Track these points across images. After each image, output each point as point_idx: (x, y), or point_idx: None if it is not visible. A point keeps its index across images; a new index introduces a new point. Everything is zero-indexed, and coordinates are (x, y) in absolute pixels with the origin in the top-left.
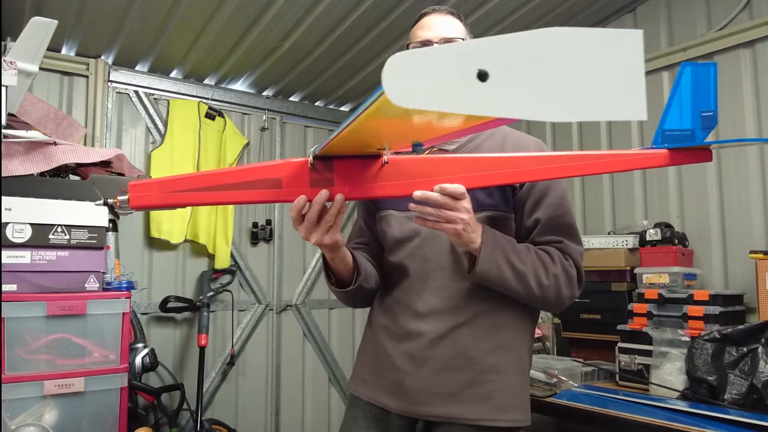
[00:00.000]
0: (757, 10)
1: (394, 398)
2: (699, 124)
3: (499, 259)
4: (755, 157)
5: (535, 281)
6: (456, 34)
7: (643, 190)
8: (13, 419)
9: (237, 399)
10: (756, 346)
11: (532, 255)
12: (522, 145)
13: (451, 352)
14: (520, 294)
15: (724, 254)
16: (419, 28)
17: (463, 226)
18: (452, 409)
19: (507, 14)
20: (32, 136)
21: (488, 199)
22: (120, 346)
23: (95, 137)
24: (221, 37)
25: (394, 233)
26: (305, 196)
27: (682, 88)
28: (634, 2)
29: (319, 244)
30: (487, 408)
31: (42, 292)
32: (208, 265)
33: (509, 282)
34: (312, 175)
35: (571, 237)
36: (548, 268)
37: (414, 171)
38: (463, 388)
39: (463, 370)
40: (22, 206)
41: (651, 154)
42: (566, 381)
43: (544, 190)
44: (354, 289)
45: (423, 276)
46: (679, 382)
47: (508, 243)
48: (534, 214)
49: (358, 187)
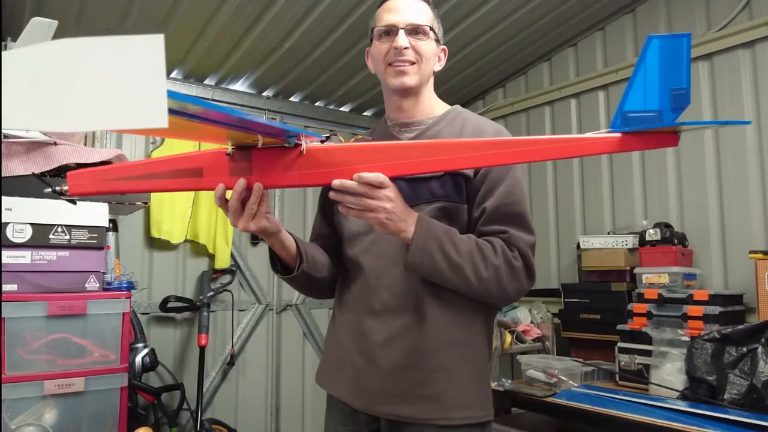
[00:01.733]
0: (757, 11)
1: (355, 396)
2: (668, 104)
3: (433, 249)
4: (755, 157)
5: (473, 273)
6: (424, 21)
7: (643, 190)
8: (13, 419)
9: (237, 399)
10: (756, 346)
11: (471, 245)
12: (479, 131)
13: (403, 352)
14: (458, 286)
15: (723, 254)
16: (385, 11)
17: (386, 215)
18: (405, 409)
19: (507, 14)
20: (32, 136)
21: (441, 190)
22: (120, 346)
23: (95, 137)
24: (221, 37)
25: (350, 227)
26: (224, 185)
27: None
28: (634, 2)
29: (247, 230)
30: (436, 407)
31: (42, 292)
32: (208, 265)
33: (444, 274)
34: (231, 164)
35: (519, 226)
36: (488, 259)
37: (333, 160)
38: (414, 388)
39: (414, 370)
40: (22, 206)
41: (598, 139)
42: (566, 381)
43: (496, 178)
44: (299, 276)
45: (378, 273)
46: (679, 382)
47: (445, 233)
48: (482, 203)
49: (276, 176)
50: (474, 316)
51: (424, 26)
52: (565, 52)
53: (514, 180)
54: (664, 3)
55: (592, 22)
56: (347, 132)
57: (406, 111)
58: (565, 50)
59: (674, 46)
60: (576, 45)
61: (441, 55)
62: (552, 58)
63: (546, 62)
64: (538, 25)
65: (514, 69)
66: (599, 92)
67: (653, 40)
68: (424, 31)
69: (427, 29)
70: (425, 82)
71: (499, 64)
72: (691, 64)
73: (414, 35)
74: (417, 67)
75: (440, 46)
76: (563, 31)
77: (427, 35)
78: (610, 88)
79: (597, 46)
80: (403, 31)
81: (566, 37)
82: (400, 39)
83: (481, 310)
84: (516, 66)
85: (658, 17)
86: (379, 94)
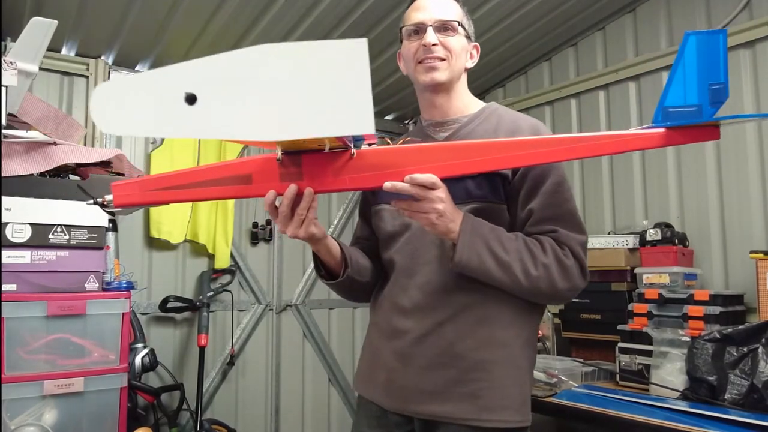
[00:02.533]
0: (757, 11)
1: (387, 396)
2: (707, 99)
3: (480, 248)
4: (755, 156)
5: (522, 271)
6: (452, 17)
7: (643, 190)
8: (13, 419)
9: (237, 399)
10: (756, 346)
11: (519, 244)
12: (516, 128)
13: (436, 350)
14: (507, 285)
15: (724, 254)
16: (413, 10)
17: (436, 215)
18: (439, 408)
19: (507, 14)
20: (32, 136)
21: (477, 190)
22: (120, 346)
23: (95, 137)
24: (221, 37)
25: (386, 228)
26: (274, 191)
27: (686, 60)
28: (634, 2)
29: (295, 237)
30: (473, 407)
31: (42, 292)
32: (208, 265)
33: (492, 272)
34: (281, 170)
35: (569, 225)
36: (537, 257)
37: (384, 162)
38: (448, 387)
39: (448, 368)
40: (22, 206)
41: (643, 134)
42: (566, 381)
43: (538, 177)
44: (344, 282)
45: (409, 271)
46: (680, 382)
47: (491, 231)
48: (528, 204)
49: (326, 180)
50: (515, 316)
51: (452, 22)
52: (565, 52)
53: (558, 178)
54: (664, 3)
55: (592, 22)
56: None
57: (439, 108)
58: (565, 50)
59: (711, 42)
60: (576, 45)
61: (473, 52)
62: (552, 58)
63: (546, 62)
64: (538, 25)
65: (514, 69)
66: (599, 92)
67: (690, 36)
68: (453, 27)
69: (455, 25)
70: (456, 79)
71: (499, 64)
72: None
73: (443, 32)
74: (447, 63)
75: (471, 42)
76: (563, 31)
77: (456, 31)
78: (611, 88)
79: (597, 46)
80: (432, 28)
81: (566, 37)
82: (429, 36)
83: (525, 311)
84: (516, 66)
85: (659, 17)
86: (379, 93)
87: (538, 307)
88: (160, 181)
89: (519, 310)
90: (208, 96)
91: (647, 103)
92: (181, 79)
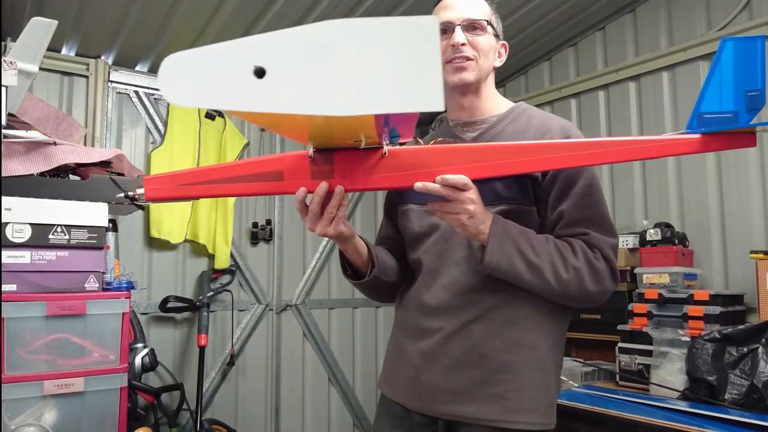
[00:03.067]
0: (757, 10)
1: (410, 396)
2: (743, 105)
3: (510, 250)
4: (755, 157)
5: (552, 274)
6: (480, 15)
7: (643, 190)
8: (13, 419)
9: (237, 399)
10: (756, 346)
11: (550, 246)
12: (546, 129)
13: (463, 349)
14: (537, 287)
15: (724, 254)
16: (441, 9)
17: (467, 216)
18: (464, 409)
19: (508, 14)
20: (32, 136)
21: (506, 192)
22: (120, 346)
23: (95, 137)
24: (221, 37)
25: (413, 228)
26: (305, 188)
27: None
28: (634, 2)
29: (324, 235)
30: (499, 408)
31: (42, 292)
32: (208, 265)
33: (522, 275)
34: (312, 167)
35: (600, 228)
36: (567, 260)
37: (416, 162)
38: (475, 387)
39: (475, 368)
40: (22, 206)
41: (680, 140)
42: (566, 381)
43: (569, 179)
44: (370, 281)
45: (436, 272)
46: (679, 382)
47: (521, 234)
48: (558, 206)
49: (357, 178)
50: (544, 318)
51: (480, 21)
52: (565, 52)
53: (589, 180)
54: (664, 3)
55: (592, 22)
56: None
57: (467, 109)
58: (565, 50)
59: (748, 48)
60: (576, 45)
61: (501, 51)
62: (552, 58)
63: (546, 62)
64: (538, 25)
65: (514, 69)
66: (599, 92)
67: (727, 42)
68: (481, 26)
69: (484, 24)
70: (485, 78)
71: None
72: (691, 64)
73: (471, 31)
74: (475, 63)
75: (500, 41)
76: (563, 31)
77: (485, 30)
78: (611, 88)
79: (597, 46)
80: (460, 27)
81: (566, 37)
82: (457, 35)
83: (553, 313)
84: (516, 66)
85: (659, 17)
86: None
87: (567, 310)
88: (192, 176)
89: (548, 312)
90: (277, 70)
91: (647, 103)
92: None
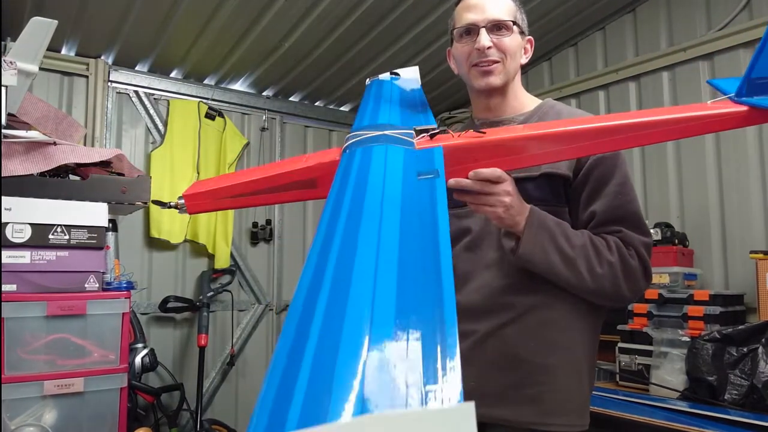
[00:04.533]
0: (757, 10)
1: None
2: None
3: (545, 241)
4: (755, 157)
5: (587, 268)
6: (506, 16)
7: (643, 189)
8: (13, 419)
9: (237, 399)
10: (756, 346)
11: (585, 239)
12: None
13: (495, 352)
14: (571, 282)
15: (724, 254)
16: (464, 9)
17: (503, 209)
18: (499, 412)
19: None
20: (32, 136)
21: (537, 192)
22: (120, 346)
23: (95, 137)
24: (221, 37)
25: None
26: None
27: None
28: (634, 2)
29: None
30: (535, 411)
31: (42, 292)
32: (208, 265)
33: (556, 267)
34: None
35: (633, 226)
36: (602, 255)
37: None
38: (510, 389)
39: (508, 371)
40: (22, 206)
41: (726, 114)
42: None
43: (602, 178)
44: None
45: (469, 275)
46: (679, 382)
47: (557, 226)
48: (590, 206)
49: None
50: (578, 319)
51: (506, 21)
52: (565, 52)
53: (622, 178)
54: (664, 3)
55: (592, 22)
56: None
57: (494, 110)
58: (565, 50)
59: None
60: (576, 45)
61: (527, 47)
62: (552, 58)
63: (546, 62)
64: (538, 25)
65: None
66: (599, 92)
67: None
68: (507, 27)
69: (510, 24)
70: (512, 79)
71: None
72: (691, 64)
73: (496, 32)
74: (502, 65)
75: (526, 37)
76: (563, 31)
77: (511, 30)
78: (611, 87)
79: (597, 46)
80: (485, 30)
81: (566, 37)
82: (483, 39)
83: (587, 314)
84: None
85: (659, 17)
86: None
87: (600, 310)
88: (231, 189)
89: (581, 314)
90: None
91: (647, 103)
92: None
